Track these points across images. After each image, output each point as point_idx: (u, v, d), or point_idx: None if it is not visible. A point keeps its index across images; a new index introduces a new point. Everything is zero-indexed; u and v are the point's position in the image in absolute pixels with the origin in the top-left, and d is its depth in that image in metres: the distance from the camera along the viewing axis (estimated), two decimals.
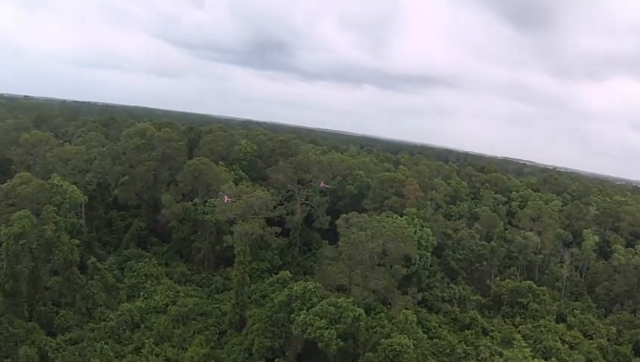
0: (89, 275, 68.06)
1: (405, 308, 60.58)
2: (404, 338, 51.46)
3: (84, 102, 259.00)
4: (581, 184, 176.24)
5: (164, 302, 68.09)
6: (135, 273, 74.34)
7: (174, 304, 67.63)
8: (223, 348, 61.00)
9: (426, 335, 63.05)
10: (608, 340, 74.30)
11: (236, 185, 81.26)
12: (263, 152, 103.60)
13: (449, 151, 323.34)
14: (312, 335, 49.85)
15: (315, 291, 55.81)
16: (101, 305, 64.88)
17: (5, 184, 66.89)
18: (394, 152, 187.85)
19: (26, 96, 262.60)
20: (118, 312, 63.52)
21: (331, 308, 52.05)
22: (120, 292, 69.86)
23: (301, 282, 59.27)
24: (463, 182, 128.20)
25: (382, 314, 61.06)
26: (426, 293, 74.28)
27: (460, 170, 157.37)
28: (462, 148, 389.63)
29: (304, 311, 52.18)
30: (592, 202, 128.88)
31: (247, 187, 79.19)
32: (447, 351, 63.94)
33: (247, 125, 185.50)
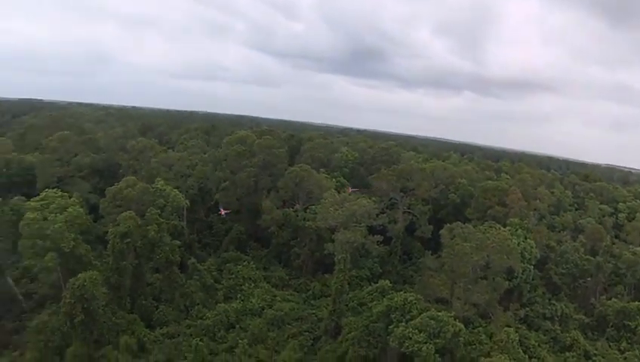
0: (189, 275, 69.90)
1: (507, 325, 56.21)
2: (505, 358, 47.33)
3: (186, 112, 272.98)
4: None
5: (261, 305, 68.34)
6: (233, 275, 75.30)
7: (270, 307, 67.78)
8: (316, 354, 59.81)
9: (526, 356, 57.93)
10: None
11: (338, 192, 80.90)
12: (365, 160, 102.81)
13: (550, 159, 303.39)
14: (410, 349, 46.95)
15: (415, 303, 53.00)
16: (199, 304, 66.15)
17: (113, 187, 70.75)
18: (494, 160, 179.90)
19: (133, 106, 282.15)
20: (215, 312, 64.43)
21: (431, 321, 48.97)
22: (218, 292, 70.97)
23: (401, 293, 56.55)
24: (566, 192, 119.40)
25: (480, 328, 57.06)
26: (527, 309, 68.77)
27: (562, 178, 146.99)
28: (563, 155, 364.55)
29: (403, 324, 49.59)
30: None
31: (349, 194, 78.43)
32: None
33: (347, 133, 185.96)
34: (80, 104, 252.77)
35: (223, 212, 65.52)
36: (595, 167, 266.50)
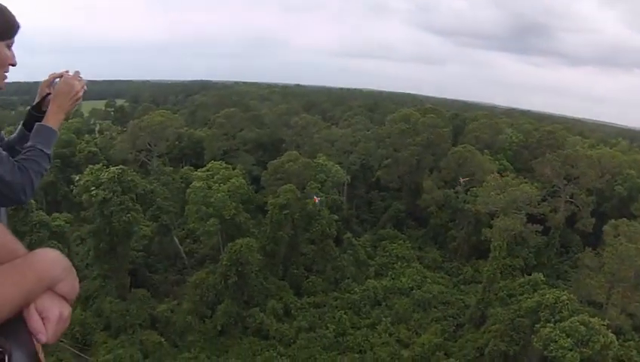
0: (343, 249, 72.19)
1: None
2: None
3: (349, 89, 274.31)
4: None
5: (410, 285, 68.41)
6: (387, 253, 76.34)
7: (419, 288, 67.55)
8: (456, 341, 58.86)
9: None
10: None
11: (500, 175, 77.19)
12: (529, 143, 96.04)
13: None
14: (554, 354, 43.48)
15: (567, 303, 49.15)
16: (349, 278, 68.15)
17: (275, 160, 75.54)
18: None
19: (297, 84, 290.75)
20: (363, 287, 66.15)
21: (581, 327, 44.67)
22: (369, 268, 72.55)
23: (554, 290, 52.91)
24: None
25: (632, 343, 50.66)
26: None
27: None
28: None
29: (551, 324, 46.31)
30: None
31: (513, 179, 74.35)
32: None
33: (510, 113, 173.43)
34: (245, 83, 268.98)
35: (316, 199, 66.17)
36: None
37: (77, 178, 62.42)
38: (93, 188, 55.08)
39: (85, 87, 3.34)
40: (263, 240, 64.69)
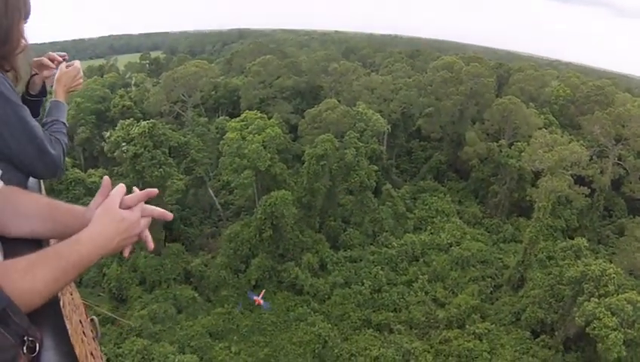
0: (381, 200, 70.90)
1: None
2: None
3: (390, 35, 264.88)
4: None
5: (449, 241, 66.99)
6: (427, 206, 74.72)
7: (458, 245, 66.17)
8: (492, 304, 57.82)
9: None
10: None
11: (545, 129, 73.66)
12: (576, 98, 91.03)
13: None
14: (596, 332, 41.80)
15: (614, 277, 47.02)
16: (387, 231, 66.93)
17: (312, 109, 73.47)
18: None
19: (336, 30, 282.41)
20: (402, 241, 65.04)
21: (628, 306, 42.56)
22: (408, 221, 71.22)
23: (600, 261, 50.33)
24: None
25: None
26: None
27: None
28: None
29: (595, 299, 44.28)
30: None
31: (561, 136, 70.73)
32: None
33: (555, 65, 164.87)
34: (284, 30, 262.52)
35: (259, 302, 57.56)
36: None
37: (108, 134, 62.13)
38: (124, 143, 54.58)
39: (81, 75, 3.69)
40: (299, 191, 63.72)
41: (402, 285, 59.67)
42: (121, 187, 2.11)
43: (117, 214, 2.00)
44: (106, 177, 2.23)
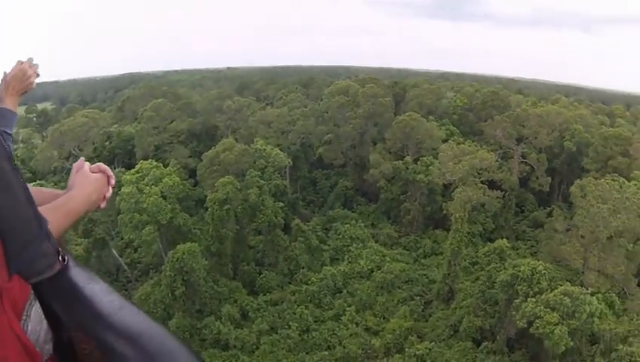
0: (293, 236, 69.06)
1: None
2: None
3: (282, 67, 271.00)
4: None
5: (369, 267, 66.35)
6: (340, 235, 73.83)
7: (379, 269, 65.54)
8: (427, 321, 57.54)
9: None
10: None
11: (445, 141, 76.17)
12: (474, 105, 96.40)
13: None
14: (540, 331, 42.13)
15: (544, 273, 48.18)
16: (303, 267, 65.31)
17: (210, 151, 71.18)
18: (603, 103, 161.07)
19: (228, 67, 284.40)
20: (321, 276, 63.38)
21: (566, 298, 43.61)
22: (323, 254, 69.82)
23: (529, 261, 51.25)
24: None
25: (615, 308, 50.39)
26: None
27: None
28: None
29: (532, 299, 44.82)
30: None
31: (469, 146, 73.29)
32: None
33: (446, 77, 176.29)
34: (176, 72, 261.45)
35: None
36: None
37: None
38: None
39: (38, 72, 3.46)
40: (206, 240, 60.88)
41: (330, 320, 57.84)
42: (83, 159, 2.68)
43: (91, 176, 2.57)
44: (81, 158, 2.74)
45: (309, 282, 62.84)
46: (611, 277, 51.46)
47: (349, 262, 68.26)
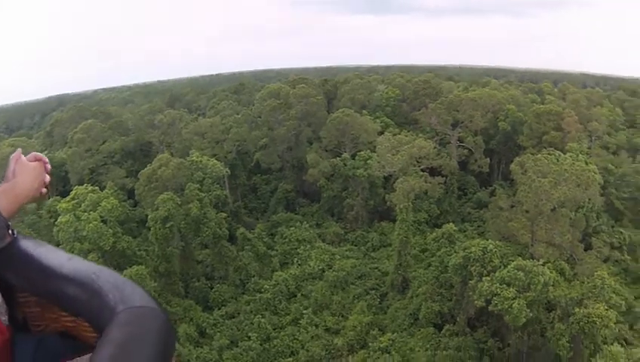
0: (239, 246, 68.44)
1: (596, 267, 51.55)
2: (601, 307, 42.92)
3: (211, 76, 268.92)
4: None
5: (320, 267, 66.56)
6: (286, 239, 73.64)
7: (330, 268, 65.97)
8: (385, 313, 58.26)
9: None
10: None
11: (381, 133, 77.28)
12: (406, 96, 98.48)
13: (585, 75, 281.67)
14: (499, 307, 43.38)
15: (495, 251, 49.70)
16: (254, 276, 64.77)
17: (146, 168, 69.15)
18: (532, 82, 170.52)
19: (159, 80, 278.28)
20: (273, 282, 63.07)
21: (520, 273, 45.14)
22: (272, 260, 69.45)
23: (479, 241, 53.13)
24: (616, 109, 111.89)
25: (566, 274, 52.82)
26: (593, 239, 63.70)
27: (609, 95, 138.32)
28: (600, 71, 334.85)
29: (487, 278, 45.80)
30: None
31: (406, 136, 74.56)
32: (624, 309, 53.00)
33: (376, 70, 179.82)
34: (105, 89, 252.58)
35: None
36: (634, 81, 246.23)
37: None
38: None
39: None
40: (153, 260, 59.47)
41: (289, 326, 57.68)
42: (20, 150, 2.74)
43: (29, 165, 2.69)
44: (18, 148, 2.84)
45: (262, 290, 62.32)
46: (559, 246, 53.84)
47: (299, 264, 68.26)
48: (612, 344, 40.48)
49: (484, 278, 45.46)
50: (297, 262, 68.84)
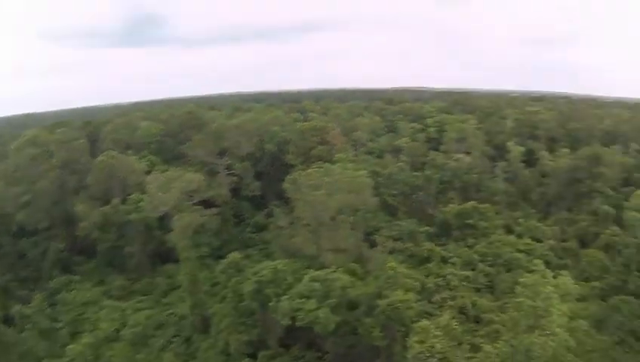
0: (19, 326, 62.35)
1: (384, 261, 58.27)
2: (400, 292, 48.10)
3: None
4: (490, 100, 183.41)
5: (114, 328, 63.68)
6: (70, 305, 68.94)
7: (125, 326, 63.40)
8: (196, 357, 57.83)
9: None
10: (555, 240, 77.45)
11: (149, 172, 76.14)
12: (171, 130, 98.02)
13: (344, 91, 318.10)
14: (306, 320, 46.32)
15: (286, 269, 52.55)
16: (44, 358, 58.97)
17: None
18: (294, 102, 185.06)
19: None
20: (67, 359, 58.10)
21: (315, 284, 48.56)
22: (60, 333, 64.16)
23: (268, 263, 55.36)
24: (375, 118, 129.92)
25: (360, 273, 58.62)
26: (375, 236, 72.25)
27: (368, 106, 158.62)
28: (359, 85, 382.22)
29: (286, 296, 48.41)
30: (506, 116, 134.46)
31: (174, 172, 74.10)
32: (419, 288, 59.42)
33: (140, 107, 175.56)
34: None
35: None
36: (391, 92, 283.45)
37: None
38: None
39: None
40: None
41: None
42: None
43: None
44: None
45: None
46: (345, 250, 59.33)
47: (91, 331, 64.02)
48: (419, 321, 44.81)
49: (282, 298, 48.29)
50: (89, 328, 64.62)
